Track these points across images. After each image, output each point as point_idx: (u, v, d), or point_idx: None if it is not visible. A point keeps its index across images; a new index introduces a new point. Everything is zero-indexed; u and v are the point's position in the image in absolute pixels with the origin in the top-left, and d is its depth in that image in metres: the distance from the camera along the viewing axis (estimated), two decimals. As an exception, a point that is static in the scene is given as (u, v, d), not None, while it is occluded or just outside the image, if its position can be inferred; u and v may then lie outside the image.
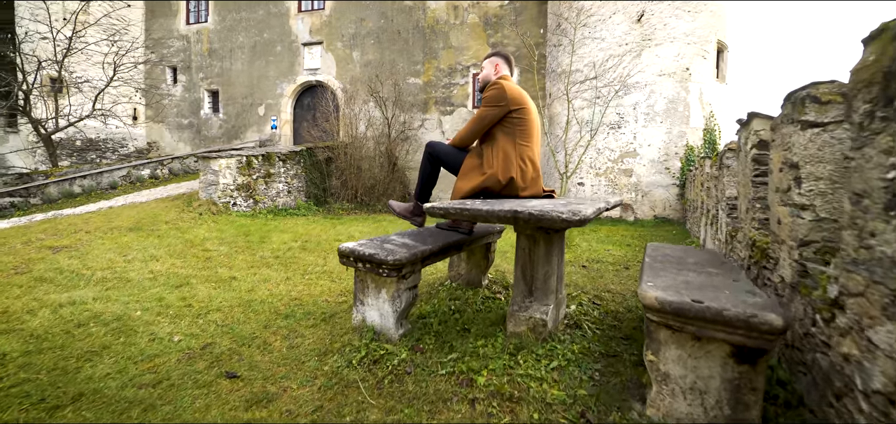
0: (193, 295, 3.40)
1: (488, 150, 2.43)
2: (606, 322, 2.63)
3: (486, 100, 2.47)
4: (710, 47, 10.40)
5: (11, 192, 10.48)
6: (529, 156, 2.41)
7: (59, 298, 3.35)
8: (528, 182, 2.39)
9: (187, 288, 3.67)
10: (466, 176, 2.44)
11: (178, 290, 3.60)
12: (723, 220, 3.53)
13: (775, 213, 1.99)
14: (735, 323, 1.27)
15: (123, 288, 3.69)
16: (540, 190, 2.46)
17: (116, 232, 6.15)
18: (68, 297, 3.37)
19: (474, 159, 2.48)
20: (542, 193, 2.48)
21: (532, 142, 2.44)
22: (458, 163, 2.56)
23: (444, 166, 2.63)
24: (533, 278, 2.26)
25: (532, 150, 2.43)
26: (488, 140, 2.51)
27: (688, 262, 2.09)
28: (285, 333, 2.53)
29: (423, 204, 2.78)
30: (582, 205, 1.85)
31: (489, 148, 2.44)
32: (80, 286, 3.78)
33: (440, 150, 2.62)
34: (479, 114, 2.47)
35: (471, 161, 2.48)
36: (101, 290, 3.63)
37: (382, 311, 2.24)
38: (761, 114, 2.44)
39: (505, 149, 2.37)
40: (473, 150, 2.58)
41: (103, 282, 3.89)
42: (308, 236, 6.41)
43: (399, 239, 2.41)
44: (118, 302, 3.25)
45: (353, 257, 2.14)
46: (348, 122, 12.34)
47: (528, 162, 2.40)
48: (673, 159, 10.14)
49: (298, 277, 3.96)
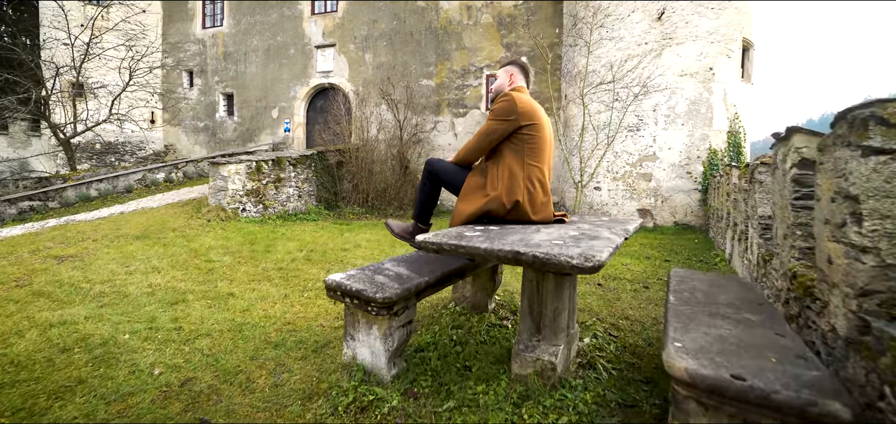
0: (186, 316, 3.26)
1: (493, 169, 2.20)
2: (624, 359, 2.37)
3: (494, 114, 2.24)
4: (734, 46, 9.92)
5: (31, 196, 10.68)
6: (538, 178, 2.16)
7: (52, 317, 3.25)
8: (536, 206, 2.15)
9: (182, 305, 3.54)
10: (468, 197, 2.21)
11: (172, 309, 3.47)
12: (754, 240, 3.22)
13: (824, 249, 1.71)
14: (786, 411, 1.02)
15: (118, 305, 3.58)
16: (550, 214, 2.21)
17: (123, 240, 6.11)
18: (61, 316, 3.27)
19: (477, 178, 2.25)
20: (552, 218, 2.23)
21: (542, 162, 2.20)
22: (460, 182, 2.34)
23: (444, 185, 2.41)
24: (541, 314, 2.02)
25: (542, 171, 2.19)
26: (494, 157, 2.28)
27: (719, 302, 1.82)
28: (272, 366, 2.35)
29: (423, 224, 2.57)
30: (596, 242, 1.61)
31: (494, 166, 2.20)
32: (75, 302, 3.68)
33: (440, 168, 2.40)
34: (486, 128, 2.25)
35: (473, 180, 2.25)
36: (95, 307, 3.53)
37: (374, 349, 2.03)
38: (803, 129, 2.15)
39: (511, 169, 2.14)
40: (477, 168, 2.36)
41: (100, 298, 3.79)
42: (314, 245, 6.26)
43: (393, 267, 2.20)
44: (109, 323, 3.13)
45: (341, 292, 1.94)
46: (360, 125, 12.22)
47: (536, 183, 2.15)
48: (695, 163, 9.70)
49: (296, 294, 3.79)
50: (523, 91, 2.39)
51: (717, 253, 5.78)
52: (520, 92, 2.34)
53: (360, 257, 5.48)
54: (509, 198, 2.10)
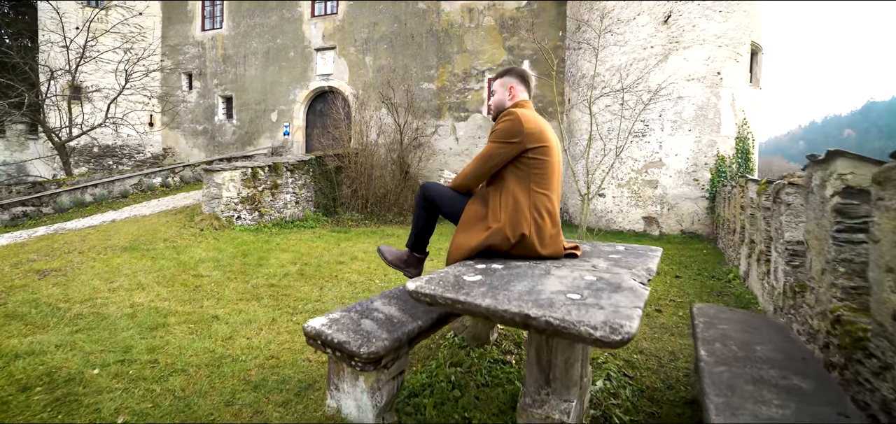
0: (164, 345, 3.02)
1: (495, 197, 1.94)
2: (642, 407, 2.12)
3: (497, 135, 1.97)
4: (743, 49, 9.66)
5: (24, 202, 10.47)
6: (547, 207, 1.91)
7: (20, 345, 3.02)
8: (545, 240, 1.90)
9: (162, 331, 3.30)
10: (467, 229, 1.96)
11: (150, 335, 3.23)
12: (779, 266, 2.97)
13: (886, 301, 1.46)
14: None
15: (94, 330, 3.34)
16: (560, 248, 1.96)
17: (111, 251, 5.89)
18: (30, 344, 3.04)
19: (477, 207, 1.99)
20: (563, 252, 1.98)
21: (551, 189, 1.94)
22: (459, 209, 2.09)
23: (441, 213, 2.17)
24: (550, 365, 1.77)
25: (551, 200, 1.93)
26: (496, 183, 2.03)
27: (758, 358, 1.57)
28: (249, 414, 2.10)
29: (418, 253, 2.33)
30: (620, 296, 1.36)
31: (497, 194, 1.95)
32: (49, 326, 3.45)
33: (436, 194, 2.15)
34: (487, 151, 1.99)
35: (473, 209, 1.99)
36: (69, 333, 3.29)
37: (360, 404, 1.78)
38: (848, 152, 1.90)
39: (516, 197, 1.88)
40: (477, 194, 2.11)
41: (76, 321, 3.56)
42: (309, 257, 6.03)
43: (384, 306, 1.95)
44: (80, 354, 2.89)
45: (321, 341, 1.70)
46: (359, 129, 11.99)
47: (545, 214, 1.90)
48: (702, 170, 9.44)
49: (285, 318, 3.55)
50: (527, 106, 2.12)
51: (730, 269, 5.51)
52: (523, 107, 2.08)
53: (356, 272, 5.24)
54: (514, 231, 1.85)
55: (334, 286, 4.66)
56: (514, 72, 2.22)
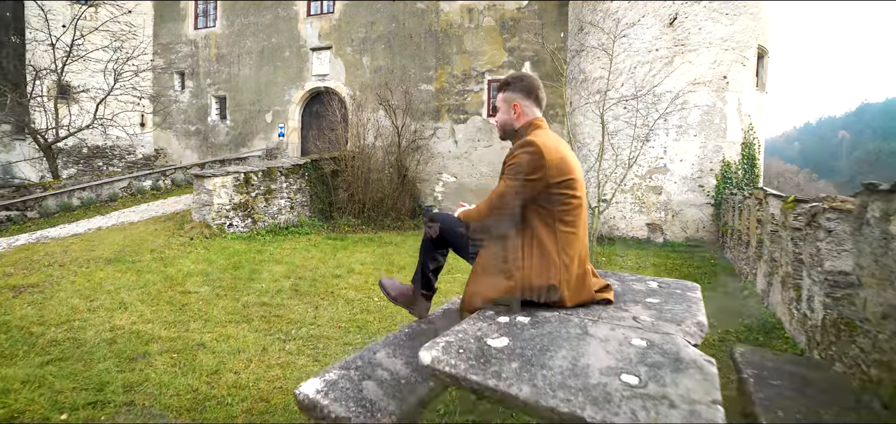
0: (143, 381, 2.75)
1: (517, 239, 1.66)
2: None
3: (513, 171, 1.63)
4: (749, 53, 9.46)
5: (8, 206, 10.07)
6: (577, 248, 1.65)
7: (-18, 381, 2.73)
8: (573, 286, 1.63)
9: (142, 363, 3.02)
10: (484, 276, 1.68)
11: (129, 367, 2.95)
12: (816, 297, 2.72)
13: None
14: None
15: (68, 362, 3.06)
16: (592, 292, 1.69)
17: (94, 264, 5.58)
18: (-7, 380, 2.75)
19: (496, 249, 1.72)
20: (594, 298, 1.71)
21: (579, 227, 1.67)
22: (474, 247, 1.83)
23: (453, 249, 1.91)
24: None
25: (579, 239, 1.66)
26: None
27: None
28: (233, 480, 1.84)
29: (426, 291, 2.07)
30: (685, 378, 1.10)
31: (518, 235, 1.66)
32: (18, 356, 3.16)
33: (448, 226, 1.88)
34: (503, 189, 1.67)
35: (491, 252, 1.72)
36: (40, 365, 3.00)
37: (361, 479, 1.52)
38: (923, 186, 1.65)
39: (541, 240, 1.61)
40: (495, 230, 1.84)
41: (49, 349, 3.27)
42: (304, 269, 5.75)
43: (389, 361, 1.69)
44: (49, 393, 2.61)
45: (317, 414, 1.43)
46: (356, 131, 11.70)
47: (574, 258, 1.63)
48: (707, 176, 9.23)
49: (277, 347, 3.28)
50: (543, 126, 1.80)
51: (744, 284, 5.29)
52: (540, 130, 1.76)
53: (353, 287, 4.97)
54: (542, 281, 1.58)
55: (330, 304, 4.39)
56: (517, 86, 1.86)
